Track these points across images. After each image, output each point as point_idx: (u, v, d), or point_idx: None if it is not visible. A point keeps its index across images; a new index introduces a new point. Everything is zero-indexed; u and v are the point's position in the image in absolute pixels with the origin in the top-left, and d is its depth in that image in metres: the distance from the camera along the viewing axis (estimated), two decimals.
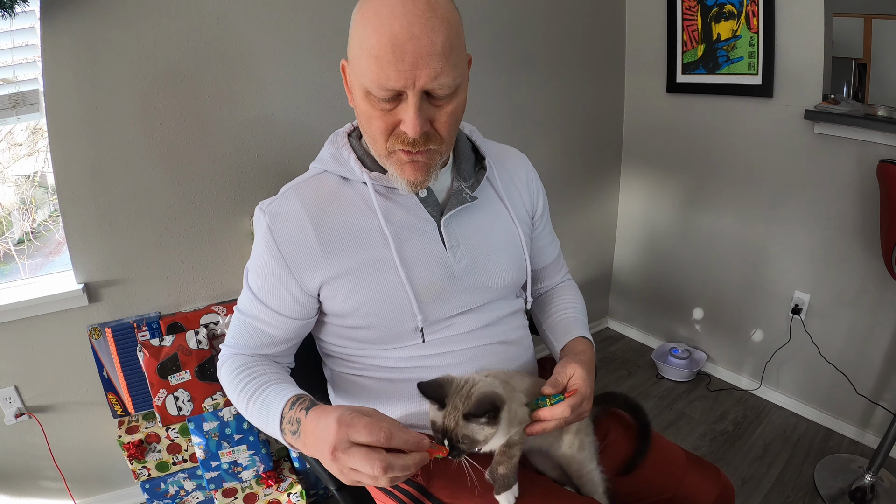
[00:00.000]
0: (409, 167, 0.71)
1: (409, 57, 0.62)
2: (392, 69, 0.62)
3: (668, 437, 1.80)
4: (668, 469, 0.82)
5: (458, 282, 0.79)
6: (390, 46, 0.61)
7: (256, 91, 1.42)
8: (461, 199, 0.79)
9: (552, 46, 1.94)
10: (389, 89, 0.64)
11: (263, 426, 0.71)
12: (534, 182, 0.93)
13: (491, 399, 0.63)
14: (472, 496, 0.73)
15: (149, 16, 1.25)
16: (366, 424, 0.57)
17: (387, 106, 0.67)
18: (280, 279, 0.75)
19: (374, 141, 0.72)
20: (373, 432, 0.57)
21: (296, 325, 0.78)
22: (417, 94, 0.64)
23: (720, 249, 2.05)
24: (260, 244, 0.77)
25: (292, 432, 0.66)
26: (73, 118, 1.24)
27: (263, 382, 0.73)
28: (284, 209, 0.76)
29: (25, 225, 1.45)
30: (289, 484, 1.50)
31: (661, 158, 2.17)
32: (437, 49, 0.63)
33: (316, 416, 0.63)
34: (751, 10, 1.71)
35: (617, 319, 2.56)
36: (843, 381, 1.75)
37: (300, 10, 1.42)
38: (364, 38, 0.63)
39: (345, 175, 0.78)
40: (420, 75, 0.63)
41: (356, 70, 0.67)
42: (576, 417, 0.72)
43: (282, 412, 0.68)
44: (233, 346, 0.81)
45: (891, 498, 1.51)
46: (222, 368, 0.80)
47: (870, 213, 1.57)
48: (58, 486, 1.45)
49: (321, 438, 0.60)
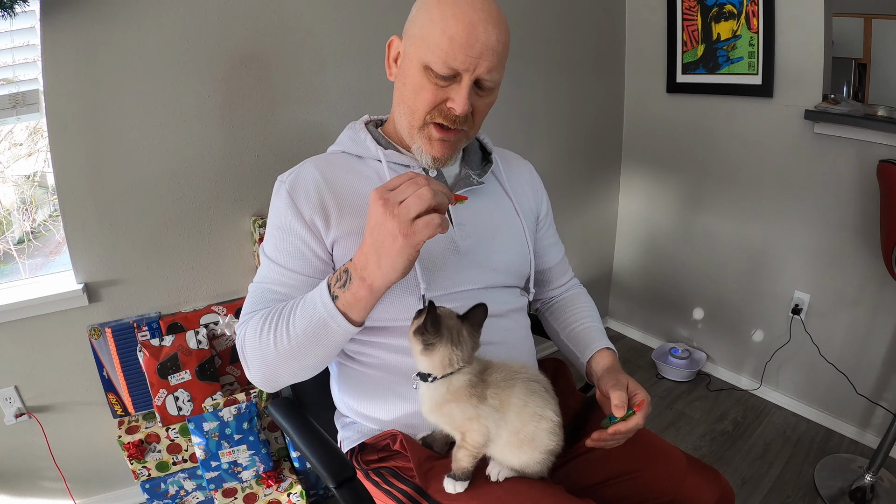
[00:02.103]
0: (437, 144, 0.79)
1: (479, 46, 0.71)
2: (461, 52, 0.71)
3: (668, 437, 1.82)
4: (669, 472, 0.81)
5: (462, 258, 0.83)
6: (466, 32, 0.70)
7: (256, 91, 1.42)
8: (468, 183, 0.86)
9: (552, 46, 1.94)
10: (452, 68, 0.72)
11: (311, 322, 0.68)
12: (538, 185, 1.00)
13: (437, 320, 0.68)
14: (469, 497, 0.72)
15: (149, 15, 1.25)
16: (402, 180, 0.62)
17: (441, 83, 0.75)
18: (300, 235, 0.78)
19: (412, 112, 0.78)
20: (401, 175, 0.63)
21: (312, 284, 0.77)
22: (472, 80, 0.73)
23: (720, 249, 2.05)
24: (280, 207, 0.81)
25: (342, 285, 0.66)
26: (73, 118, 1.24)
27: (296, 300, 0.72)
28: (303, 175, 0.82)
29: (25, 225, 1.45)
30: (289, 484, 1.50)
31: (662, 158, 2.17)
32: (500, 48, 0.73)
33: (360, 246, 0.65)
34: (751, 10, 1.71)
35: (617, 319, 2.56)
36: (843, 381, 1.75)
37: (300, 10, 1.42)
38: (441, 18, 0.72)
39: (360, 154, 0.85)
40: (481, 64, 0.72)
41: (421, 45, 0.74)
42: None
43: (327, 282, 0.68)
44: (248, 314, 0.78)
45: (891, 498, 1.51)
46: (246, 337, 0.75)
47: (870, 213, 1.57)
48: (58, 486, 1.45)
49: (371, 224, 0.62)
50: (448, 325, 0.69)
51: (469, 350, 0.70)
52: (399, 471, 0.80)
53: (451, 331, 0.69)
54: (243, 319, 0.80)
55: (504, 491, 0.72)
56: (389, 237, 0.61)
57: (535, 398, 0.71)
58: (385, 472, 0.81)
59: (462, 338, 0.69)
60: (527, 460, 0.72)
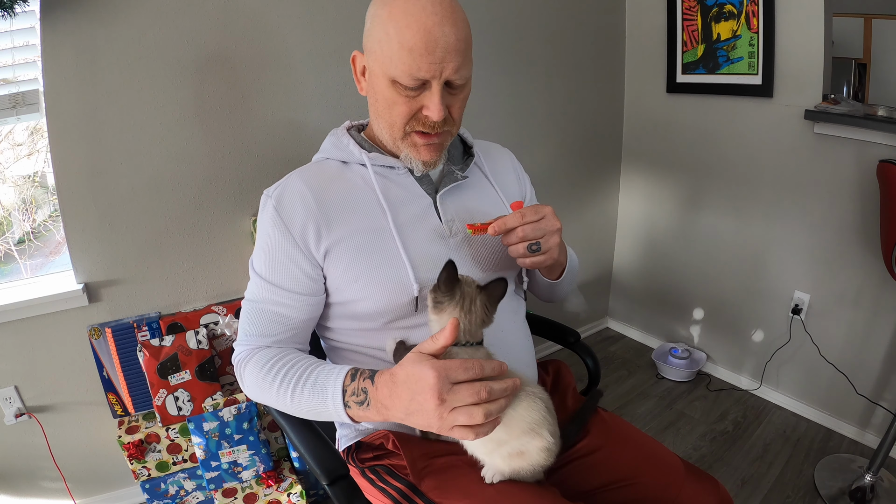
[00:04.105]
0: (424, 149, 0.79)
1: (440, 51, 0.70)
2: (424, 61, 0.70)
3: (668, 436, 1.82)
4: (666, 480, 0.80)
5: (453, 254, 0.83)
6: (424, 41, 0.69)
7: (256, 91, 1.42)
8: (453, 178, 0.86)
9: (552, 46, 1.94)
10: (419, 79, 0.72)
11: (317, 408, 0.70)
12: (520, 170, 1.02)
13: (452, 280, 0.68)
14: (462, 496, 0.73)
15: (149, 15, 1.25)
16: (460, 363, 0.60)
17: (411, 93, 0.74)
18: (289, 254, 0.78)
19: (391, 126, 0.79)
20: (468, 367, 0.59)
21: (306, 301, 0.79)
22: (441, 84, 0.73)
23: (720, 249, 2.05)
24: (267, 225, 0.80)
25: (359, 403, 0.66)
26: (73, 118, 1.24)
27: (307, 367, 0.73)
28: (289, 190, 0.81)
29: (26, 225, 1.45)
30: (289, 484, 1.50)
31: (661, 158, 2.17)
32: (461, 45, 0.72)
33: (389, 378, 0.63)
34: (751, 10, 1.71)
35: (617, 319, 2.56)
36: (843, 381, 1.75)
37: (300, 10, 1.42)
38: (396, 31, 0.70)
39: (344, 159, 0.85)
40: (446, 68, 0.71)
41: (383, 60, 0.73)
42: (533, 229, 0.74)
43: (343, 386, 0.68)
44: (248, 336, 0.80)
45: (891, 498, 1.51)
46: (246, 367, 0.78)
47: (870, 213, 1.57)
48: (58, 486, 1.45)
49: (416, 391, 0.59)
50: (463, 291, 0.69)
51: (478, 322, 0.69)
52: (394, 468, 0.81)
53: (466, 297, 0.68)
54: (244, 342, 0.81)
55: (496, 492, 0.72)
56: (426, 415, 0.59)
57: (534, 415, 0.69)
58: (380, 470, 0.82)
59: (474, 307, 0.69)
60: (517, 468, 0.71)
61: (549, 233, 0.76)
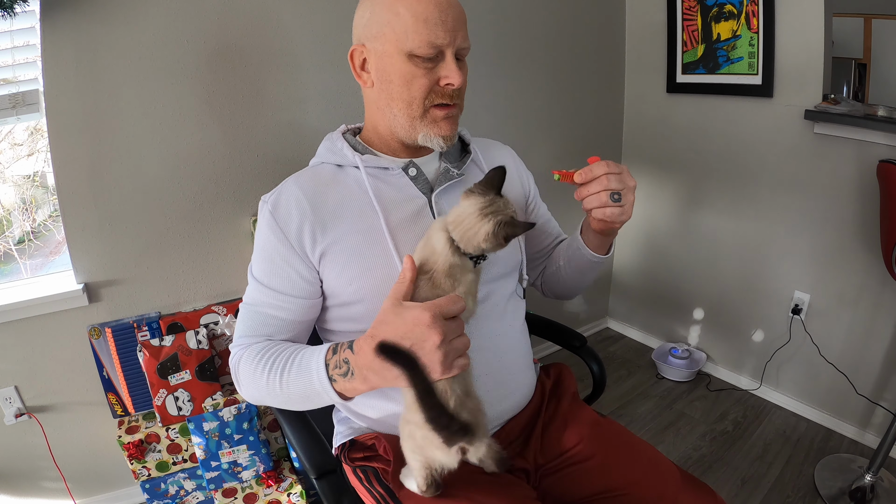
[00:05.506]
0: (444, 122, 0.80)
1: (451, 20, 0.74)
2: (440, 28, 0.74)
3: (668, 436, 1.82)
4: (662, 490, 0.79)
5: None
6: (437, 10, 0.73)
7: (257, 91, 1.42)
8: (449, 177, 0.86)
9: (552, 46, 1.94)
10: (437, 46, 0.74)
11: (306, 390, 0.71)
12: (521, 168, 1.01)
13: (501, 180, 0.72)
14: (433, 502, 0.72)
15: (149, 15, 1.25)
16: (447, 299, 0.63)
17: (429, 65, 0.76)
18: (285, 258, 0.79)
19: (410, 104, 0.79)
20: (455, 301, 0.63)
21: (303, 304, 0.80)
22: (454, 52, 0.76)
23: (720, 249, 2.05)
24: (263, 231, 0.81)
25: (343, 374, 0.67)
26: (73, 118, 1.24)
27: (292, 352, 0.74)
28: (284, 195, 0.82)
29: (26, 225, 1.45)
30: (289, 484, 1.50)
31: (661, 158, 2.17)
32: (463, 15, 0.77)
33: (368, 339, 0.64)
34: (751, 10, 1.71)
35: (617, 319, 2.56)
36: (843, 381, 1.75)
37: (300, 11, 1.42)
38: (407, 7, 0.73)
39: (339, 162, 0.85)
40: (458, 35, 0.76)
41: (397, 38, 0.74)
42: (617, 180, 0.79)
43: (325, 360, 0.69)
44: (243, 338, 0.81)
45: (891, 498, 1.51)
46: (240, 363, 0.79)
47: (870, 213, 1.57)
48: (58, 486, 1.45)
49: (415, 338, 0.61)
50: (495, 200, 0.69)
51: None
52: (379, 472, 0.81)
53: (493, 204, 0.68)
54: (238, 343, 0.82)
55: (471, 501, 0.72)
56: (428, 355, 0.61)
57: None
58: (368, 471, 0.83)
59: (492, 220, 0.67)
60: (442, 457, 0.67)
61: (629, 188, 0.80)
